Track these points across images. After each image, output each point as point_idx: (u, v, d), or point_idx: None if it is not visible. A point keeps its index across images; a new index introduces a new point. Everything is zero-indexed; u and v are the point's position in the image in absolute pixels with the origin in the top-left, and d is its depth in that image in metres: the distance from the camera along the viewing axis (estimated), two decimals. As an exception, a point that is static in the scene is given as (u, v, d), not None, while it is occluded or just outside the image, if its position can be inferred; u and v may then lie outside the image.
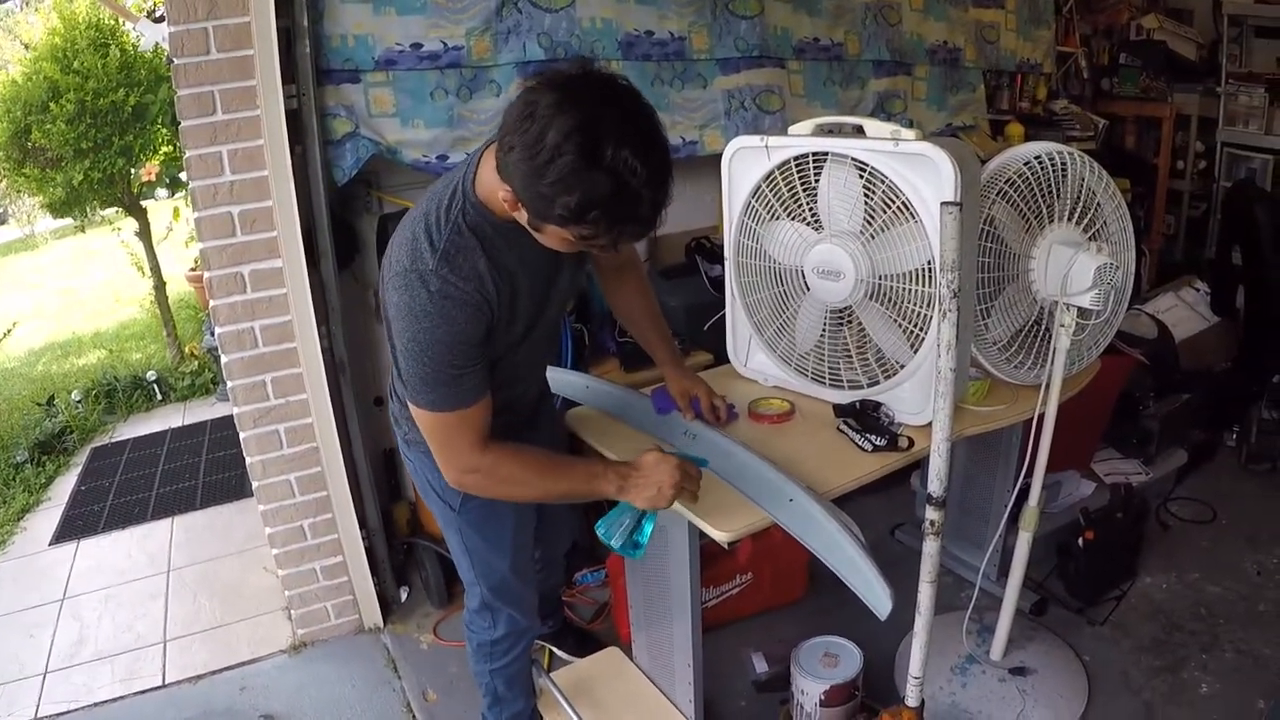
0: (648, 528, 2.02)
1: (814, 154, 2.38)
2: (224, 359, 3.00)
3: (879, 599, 1.84)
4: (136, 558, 4.15)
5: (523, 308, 1.94)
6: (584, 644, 3.11)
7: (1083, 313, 2.36)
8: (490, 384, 1.92)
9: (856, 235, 2.34)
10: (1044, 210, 2.40)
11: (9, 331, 6.70)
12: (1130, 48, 5.76)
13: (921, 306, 2.28)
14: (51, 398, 5.99)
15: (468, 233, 1.80)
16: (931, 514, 2.07)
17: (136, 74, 5.94)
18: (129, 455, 5.28)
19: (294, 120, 2.92)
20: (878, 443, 2.32)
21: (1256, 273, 4.51)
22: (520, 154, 1.56)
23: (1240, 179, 5.33)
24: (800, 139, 2.43)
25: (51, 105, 5.64)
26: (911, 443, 2.33)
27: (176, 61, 2.70)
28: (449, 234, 1.78)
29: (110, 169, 5.89)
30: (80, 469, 5.15)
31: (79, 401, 5.93)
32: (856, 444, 2.35)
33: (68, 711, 3.16)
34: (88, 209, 6.58)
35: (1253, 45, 5.38)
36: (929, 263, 2.21)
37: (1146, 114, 5.79)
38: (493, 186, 1.72)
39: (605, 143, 1.53)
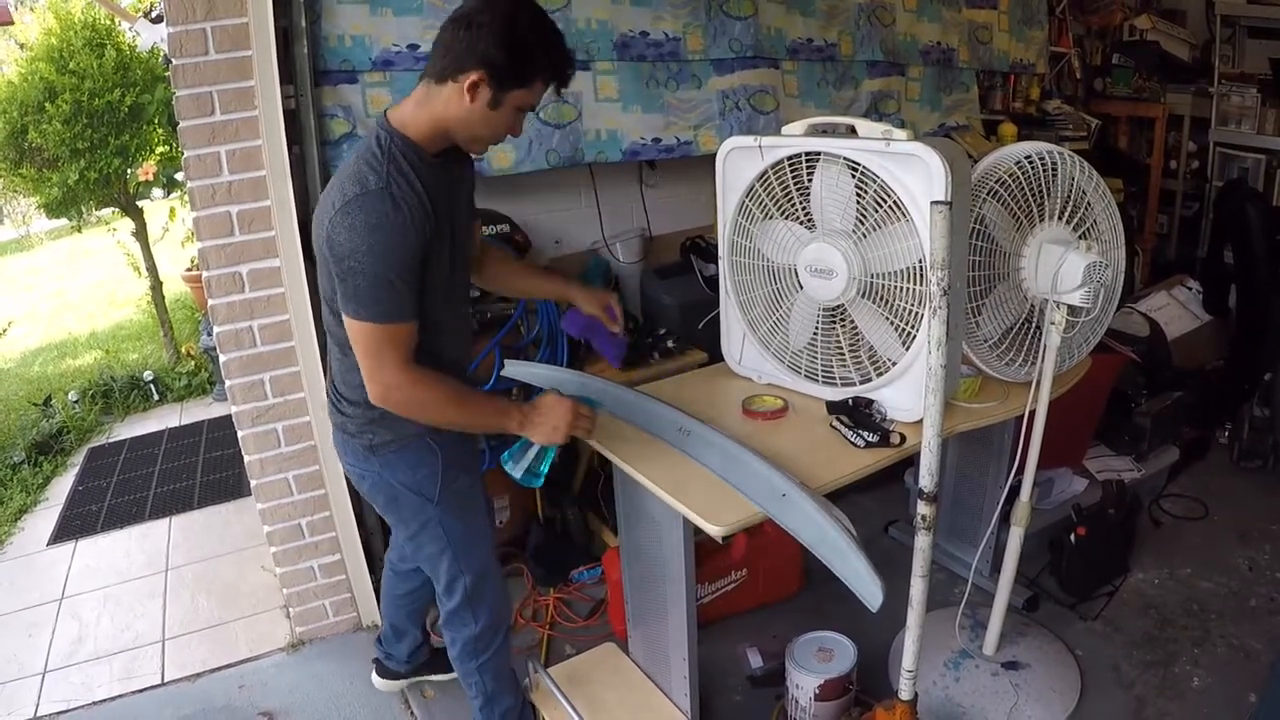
0: (547, 460, 2.28)
1: (807, 154, 2.40)
2: (222, 358, 3.01)
3: (870, 592, 1.86)
4: (135, 557, 4.16)
5: (446, 237, 2.09)
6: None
7: (1073, 310, 2.38)
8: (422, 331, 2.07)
9: (849, 234, 2.37)
10: (1034, 209, 2.42)
11: (4, 331, 6.71)
12: (1123, 48, 5.79)
13: (913, 304, 2.31)
14: (48, 398, 5.99)
15: (401, 159, 1.98)
16: (923, 509, 2.09)
17: (133, 74, 5.95)
18: (126, 455, 5.29)
19: (292, 120, 2.94)
20: (870, 439, 2.34)
21: (1248, 272, 4.54)
22: (496, 27, 1.91)
23: (1232, 179, 5.35)
24: (793, 139, 2.45)
25: (48, 105, 5.66)
26: (903, 439, 2.35)
27: (175, 62, 2.71)
28: (387, 162, 1.96)
29: (106, 169, 5.90)
30: (78, 469, 5.16)
31: (76, 402, 5.93)
32: (849, 440, 2.37)
33: (67, 710, 3.16)
34: (84, 209, 6.57)
35: (1245, 46, 5.40)
36: (920, 261, 2.24)
37: (1139, 114, 5.82)
38: (420, 120, 2.02)
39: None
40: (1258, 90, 5.28)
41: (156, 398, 6.19)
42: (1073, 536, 3.31)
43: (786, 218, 2.52)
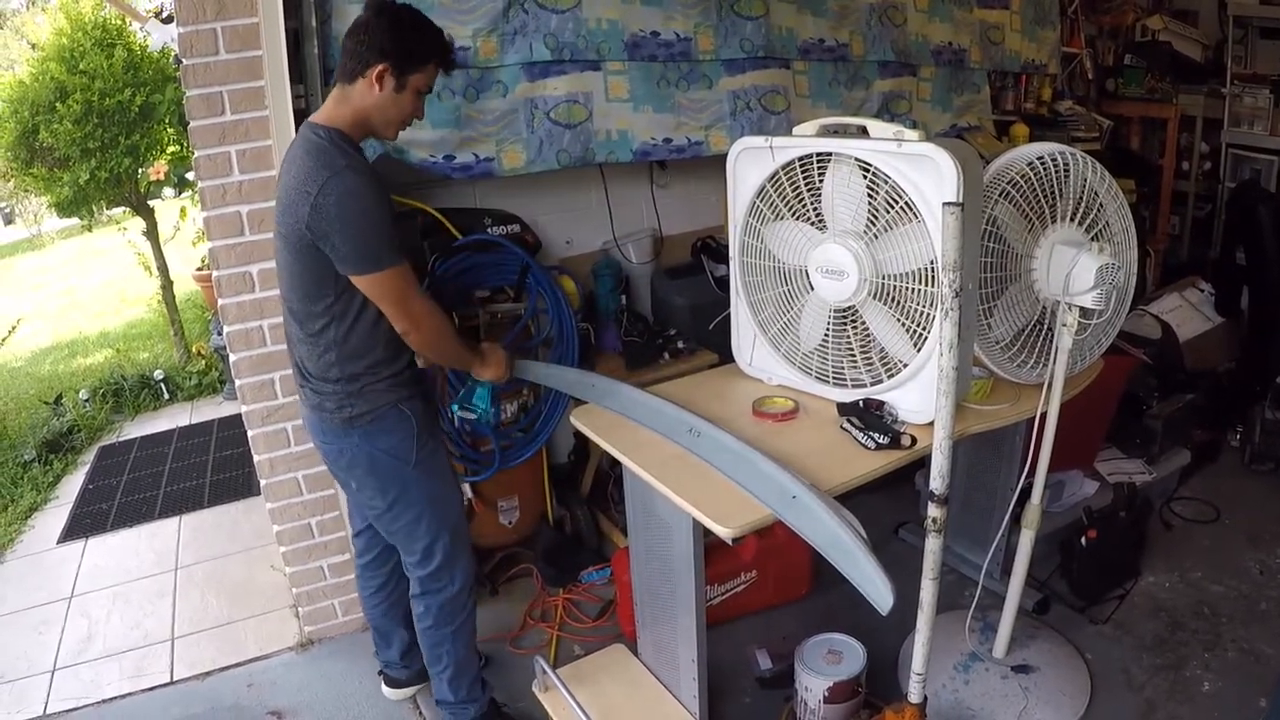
0: (485, 397, 2.79)
1: (818, 154, 2.39)
2: (232, 357, 3.01)
3: (880, 594, 1.85)
4: (144, 556, 4.17)
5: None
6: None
7: (1085, 312, 2.37)
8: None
9: (860, 235, 2.36)
10: (1046, 210, 2.42)
11: (13, 329, 6.73)
12: (1135, 48, 5.77)
13: (924, 306, 2.30)
14: (59, 397, 6.01)
15: (344, 144, 2.28)
16: (934, 511, 2.08)
17: (143, 74, 5.96)
18: (136, 454, 5.31)
19: (302, 120, 2.93)
20: (881, 441, 2.33)
21: (1260, 273, 4.52)
22: (386, 26, 2.25)
23: (1245, 180, 5.33)
24: (805, 140, 2.45)
25: (58, 105, 5.67)
26: (914, 441, 2.34)
27: (185, 62, 2.72)
28: (335, 149, 2.24)
29: (117, 169, 5.91)
30: (88, 468, 5.18)
31: (86, 400, 5.96)
32: (860, 442, 2.36)
33: (76, 708, 3.17)
34: (94, 208, 6.58)
35: (1258, 46, 5.39)
36: (932, 262, 2.23)
37: (1152, 115, 5.80)
38: (343, 115, 2.31)
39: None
40: (1270, 91, 5.26)
41: (167, 396, 6.21)
42: (1083, 539, 3.30)
43: (797, 218, 2.51)
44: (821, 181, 2.41)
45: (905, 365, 2.41)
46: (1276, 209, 4.49)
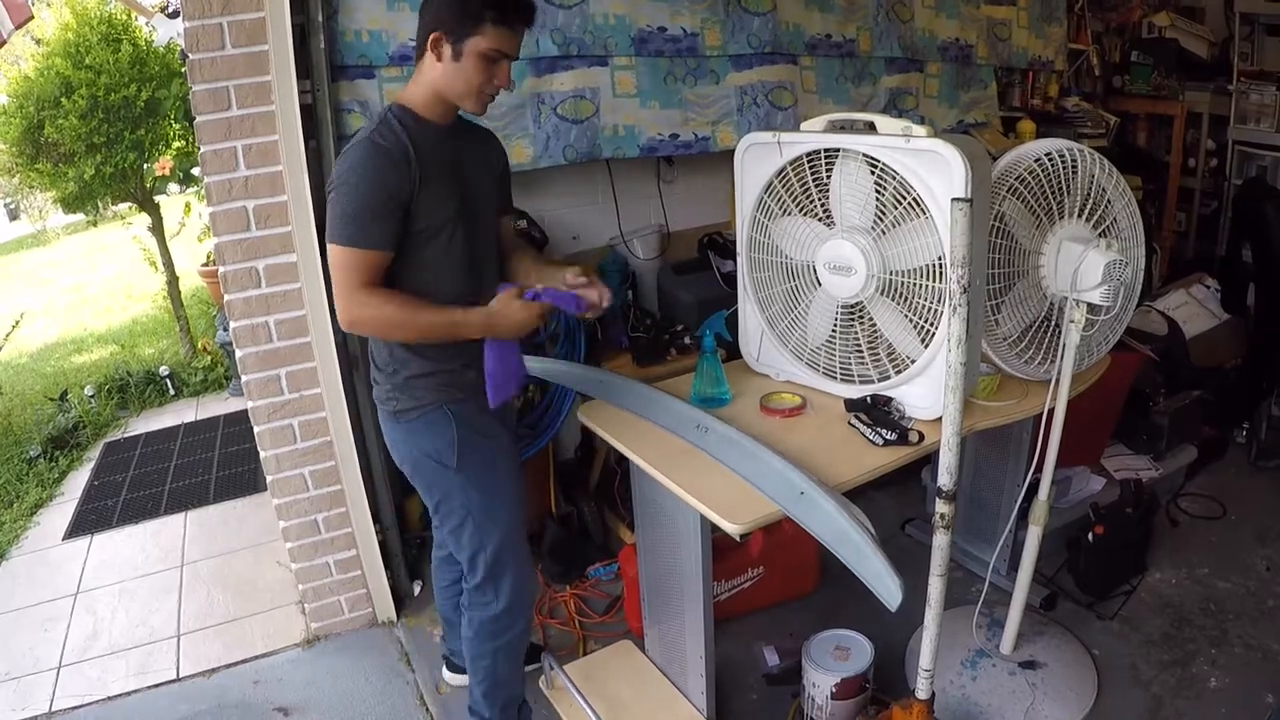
0: None
1: (826, 150, 2.39)
2: (238, 354, 3.01)
3: (889, 591, 1.85)
4: (150, 552, 4.17)
5: (445, 190, 2.24)
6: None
7: (1092, 308, 2.36)
8: (411, 261, 2.23)
9: (868, 231, 2.36)
10: (1054, 207, 2.41)
11: (16, 324, 6.72)
12: (1142, 45, 5.76)
13: (932, 302, 2.29)
14: (64, 393, 6.01)
15: (393, 120, 2.19)
16: (941, 508, 2.08)
17: (149, 69, 5.96)
18: (142, 450, 5.31)
19: (308, 115, 2.94)
20: (888, 437, 2.33)
21: (1266, 270, 4.51)
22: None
23: (1251, 177, 5.32)
24: (812, 135, 2.44)
25: (64, 101, 5.67)
26: (922, 437, 2.34)
27: (192, 57, 2.71)
28: (379, 122, 2.19)
29: (122, 164, 5.91)
30: (93, 464, 5.18)
31: (92, 396, 5.95)
32: (867, 438, 2.36)
33: (81, 705, 3.17)
34: (100, 204, 6.58)
35: (1264, 43, 5.37)
36: (940, 258, 2.23)
37: (1158, 112, 5.79)
38: (417, 91, 2.24)
39: None
40: (1277, 88, 5.25)
41: (172, 393, 6.21)
42: (1090, 535, 3.30)
43: (805, 214, 2.51)
44: (829, 177, 2.41)
45: (913, 361, 2.40)
46: (1284, 206, 4.49)
